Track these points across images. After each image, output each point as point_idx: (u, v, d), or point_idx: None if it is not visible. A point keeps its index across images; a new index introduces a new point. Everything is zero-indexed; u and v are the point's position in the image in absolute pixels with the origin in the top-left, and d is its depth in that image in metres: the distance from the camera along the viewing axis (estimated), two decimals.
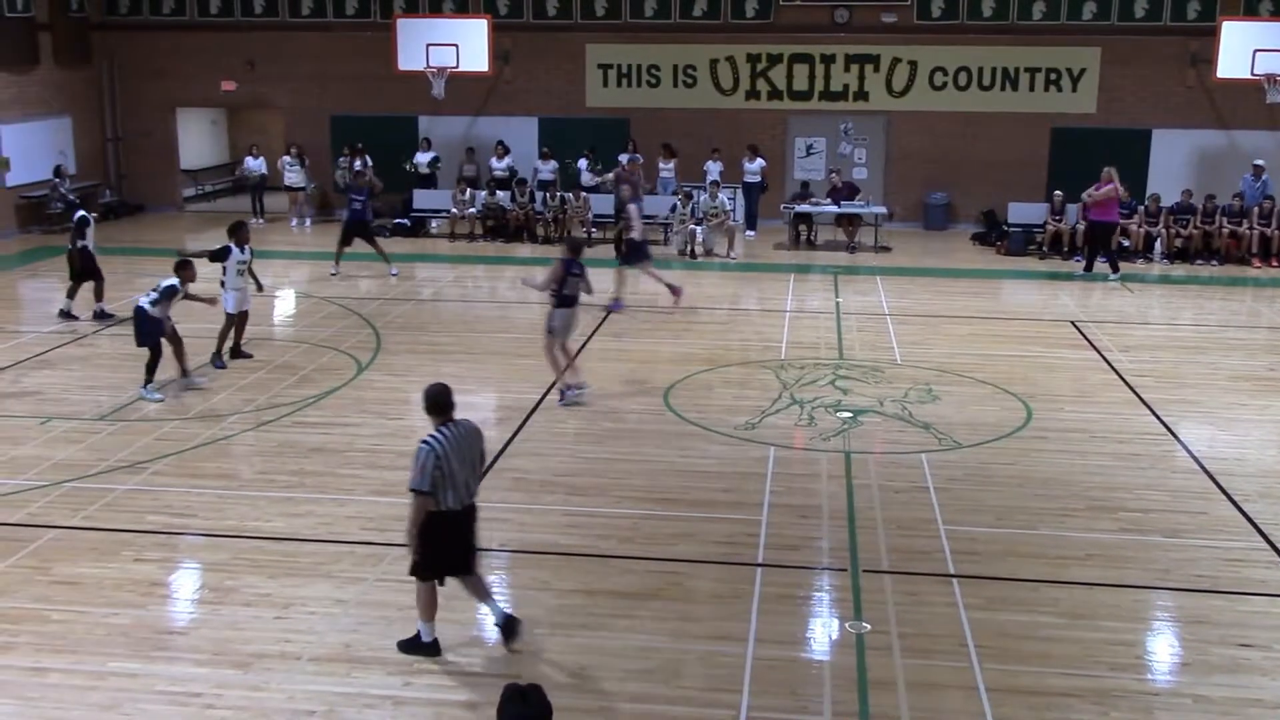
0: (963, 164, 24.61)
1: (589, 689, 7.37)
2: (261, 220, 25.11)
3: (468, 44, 23.19)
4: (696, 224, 22.31)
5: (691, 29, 24.75)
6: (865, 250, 22.65)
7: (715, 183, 22.86)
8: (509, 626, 7.80)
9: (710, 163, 23.65)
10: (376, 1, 25.20)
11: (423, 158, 24.79)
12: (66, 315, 16.59)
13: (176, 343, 13.41)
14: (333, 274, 19.78)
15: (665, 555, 9.32)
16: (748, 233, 23.88)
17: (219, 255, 14.03)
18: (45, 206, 23.46)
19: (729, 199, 23.02)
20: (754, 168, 23.78)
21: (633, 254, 17.58)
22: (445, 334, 16.29)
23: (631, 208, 17.82)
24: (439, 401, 7.56)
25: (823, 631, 8.23)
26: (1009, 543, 9.61)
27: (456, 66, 23.20)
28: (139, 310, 13.10)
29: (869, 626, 8.18)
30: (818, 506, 10.29)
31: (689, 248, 22.07)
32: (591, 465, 11.26)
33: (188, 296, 13.37)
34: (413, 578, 7.71)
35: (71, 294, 16.74)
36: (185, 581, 9.00)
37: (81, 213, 16.98)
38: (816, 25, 24.50)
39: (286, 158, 25.21)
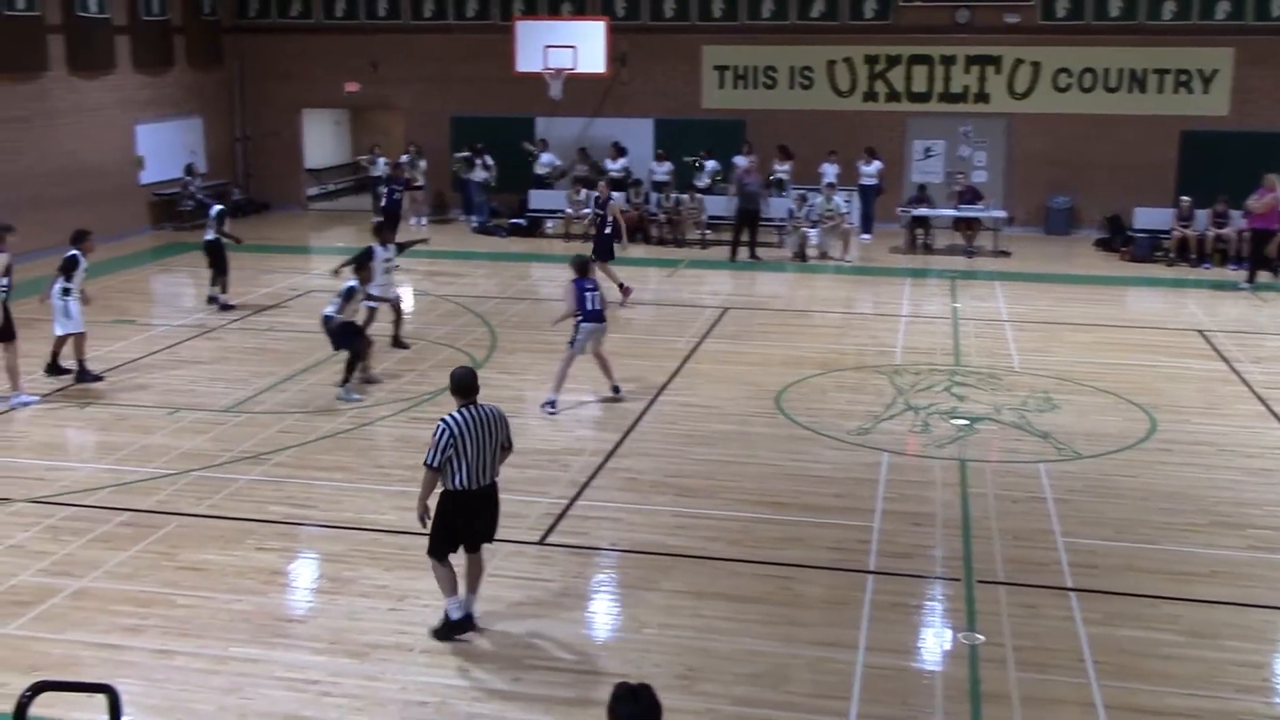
0: (1086, 167, 24.00)
1: (697, 690, 7.37)
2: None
3: (585, 45, 23.36)
4: (810, 226, 22.14)
5: (809, 30, 24.57)
6: (984, 255, 22.26)
7: (830, 184, 22.67)
8: (462, 625, 7.90)
9: (826, 164, 23.44)
10: (496, 3, 25.54)
11: (544, 158, 25.07)
12: (221, 304, 17.42)
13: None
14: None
15: (775, 559, 9.28)
16: (863, 236, 23.62)
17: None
18: (176, 204, 24.37)
19: (844, 201, 22.79)
20: (871, 170, 23.53)
21: (603, 249, 18.17)
22: (559, 333, 16.35)
23: (613, 203, 18.81)
24: (464, 385, 7.92)
25: (935, 641, 8.11)
26: (1129, 557, 9.36)
27: (574, 68, 23.39)
28: (326, 319, 13.37)
29: (983, 638, 8.04)
30: (931, 514, 10.15)
31: (802, 250, 21.92)
32: (702, 467, 11.26)
33: (369, 298, 13.85)
34: (431, 558, 7.91)
35: (221, 284, 17.52)
36: (304, 571, 9.24)
37: (221, 206, 18.08)
38: (937, 26, 24.13)
39: (405, 157, 25.67)
